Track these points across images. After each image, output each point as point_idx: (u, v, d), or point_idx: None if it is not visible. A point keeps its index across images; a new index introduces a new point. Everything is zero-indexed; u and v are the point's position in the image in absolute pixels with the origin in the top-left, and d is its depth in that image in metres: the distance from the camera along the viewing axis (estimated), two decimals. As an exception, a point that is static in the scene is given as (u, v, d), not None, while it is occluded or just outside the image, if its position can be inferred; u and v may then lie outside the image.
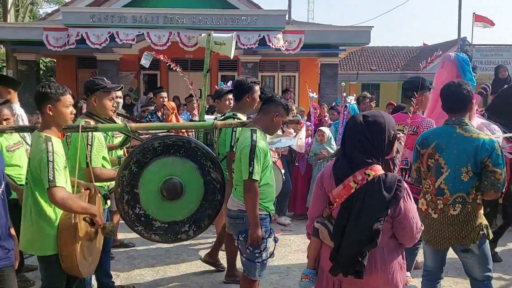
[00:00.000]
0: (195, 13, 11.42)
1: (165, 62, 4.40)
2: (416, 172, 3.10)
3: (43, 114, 2.69)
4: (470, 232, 2.84)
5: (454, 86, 2.97)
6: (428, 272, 3.15)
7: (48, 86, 2.68)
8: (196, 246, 5.18)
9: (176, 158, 3.01)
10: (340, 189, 2.13)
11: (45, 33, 11.33)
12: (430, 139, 2.95)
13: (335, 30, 12.79)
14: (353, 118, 2.23)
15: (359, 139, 2.13)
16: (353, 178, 2.10)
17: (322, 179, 2.26)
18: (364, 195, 2.08)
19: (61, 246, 2.61)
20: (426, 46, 28.35)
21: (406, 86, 3.82)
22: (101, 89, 3.30)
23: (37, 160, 2.56)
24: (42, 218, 2.65)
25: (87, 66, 14.25)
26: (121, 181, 2.95)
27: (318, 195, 2.30)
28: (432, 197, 2.93)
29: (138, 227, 3.05)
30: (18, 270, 4.10)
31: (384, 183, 2.07)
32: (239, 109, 3.92)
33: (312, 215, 2.34)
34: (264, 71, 14.87)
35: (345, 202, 2.13)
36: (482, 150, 2.76)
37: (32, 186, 2.65)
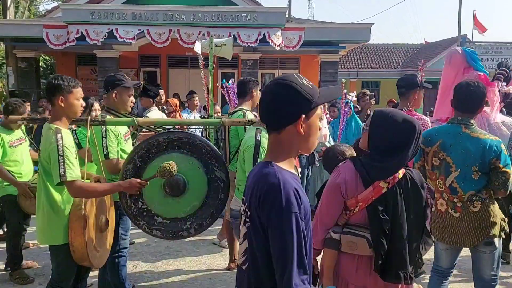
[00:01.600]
0: (195, 10, 11.40)
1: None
2: (420, 170, 3.03)
3: (54, 106, 2.73)
4: (494, 226, 2.84)
5: (474, 86, 2.91)
6: (441, 272, 3.12)
7: (61, 78, 2.74)
8: (195, 244, 5.19)
9: (181, 155, 2.99)
10: (368, 192, 2.00)
11: (45, 30, 11.32)
12: (435, 137, 2.92)
13: (335, 27, 12.78)
14: (394, 119, 2.06)
15: (408, 144, 2.02)
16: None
17: (345, 185, 2.04)
18: (401, 193, 2.00)
19: (72, 236, 2.65)
20: (426, 43, 28.33)
21: (399, 83, 3.82)
22: (122, 85, 3.33)
23: (47, 152, 2.61)
24: (53, 208, 2.70)
25: (87, 63, 14.25)
26: (125, 175, 2.95)
27: (335, 202, 2.09)
28: (449, 196, 2.90)
29: (140, 222, 3.04)
30: (18, 267, 4.12)
31: (416, 179, 2.04)
32: (247, 104, 3.99)
33: (327, 225, 2.12)
34: (264, 68, 14.85)
35: (374, 204, 1.99)
36: (489, 151, 2.75)
37: (44, 176, 2.70)
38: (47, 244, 2.79)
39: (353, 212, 2.04)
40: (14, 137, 4.12)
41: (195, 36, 11.29)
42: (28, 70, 13.02)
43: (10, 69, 12.96)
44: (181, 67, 14.60)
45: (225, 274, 4.34)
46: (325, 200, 2.13)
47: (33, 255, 4.70)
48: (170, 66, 14.78)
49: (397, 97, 4.13)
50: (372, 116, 2.12)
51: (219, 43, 3.55)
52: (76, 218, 2.66)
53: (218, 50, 3.55)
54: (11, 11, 14.43)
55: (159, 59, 14.63)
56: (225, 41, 3.61)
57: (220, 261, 4.66)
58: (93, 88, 14.21)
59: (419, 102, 3.84)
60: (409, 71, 20.56)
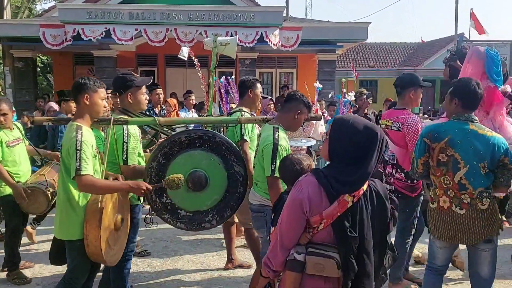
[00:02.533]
0: (192, 10, 11.39)
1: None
2: (423, 166, 3.02)
3: (79, 104, 2.85)
4: (495, 224, 2.87)
5: (477, 85, 2.97)
6: (436, 269, 3.13)
7: (87, 78, 2.89)
8: (193, 243, 5.19)
9: (202, 152, 3.15)
10: (333, 208, 1.82)
11: (42, 30, 11.28)
12: (443, 134, 2.91)
13: (332, 26, 12.78)
14: (354, 126, 1.88)
15: (371, 153, 1.85)
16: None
17: (308, 201, 1.84)
18: (366, 206, 1.87)
19: (87, 229, 2.71)
20: (423, 42, 28.38)
21: (395, 83, 3.85)
22: (134, 86, 3.34)
23: (67, 147, 2.69)
24: (71, 203, 2.76)
25: (84, 62, 14.22)
26: (150, 172, 3.11)
27: (297, 220, 1.87)
28: (456, 192, 2.89)
29: (165, 215, 3.21)
30: (15, 267, 4.11)
31: (380, 190, 1.93)
32: (244, 105, 4.05)
33: (288, 246, 1.91)
34: (262, 67, 14.85)
35: (340, 221, 1.83)
36: (499, 149, 2.79)
37: (64, 172, 2.77)
38: (64, 239, 2.84)
39: (317, 230, 1.86)
40: (11, 137, 4.11)
41: (192, 35, 11.28)
42: (25, 70, 12.99)
43: (7, 69, 12.92)
44: (179, 66, 14.57)
45: (222, 274, 4.34)
46: (286, 218, 1.91)
47: (30, 256, 4.69)
48: (167, 65, 14.76)
49: (394, 96, 4.13)
50: (332, 123, 1.95)
51: (224, 42, 3.58)
52: (92, 211, 2.72)
53: (222, 49, 3.57)
54: (8, 11, 14.39)
55: (156, 58, 14.60)
56: (230, 40, 3.62)
57: (218, 260, 4.66)
58: (91, 87, 14.17)
59: (417, 101, 3.83)
60: (406, 70, 20.63)
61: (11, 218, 4.15)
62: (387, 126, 3.75)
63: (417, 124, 3.58)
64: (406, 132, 3.57)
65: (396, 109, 3.84)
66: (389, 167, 3.76)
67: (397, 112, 3.76)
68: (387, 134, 3.74)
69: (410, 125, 3.57)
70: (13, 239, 4.15)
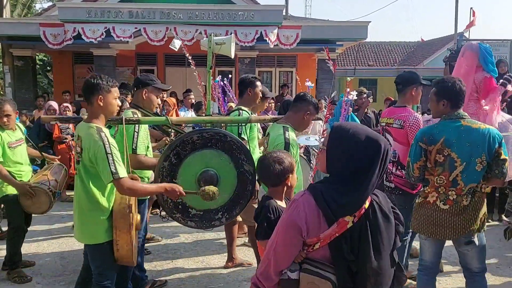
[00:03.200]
0: (192, 8, 11.38)
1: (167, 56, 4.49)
2: (419, 170, 3.01)
3: (92, 105, 2.73)
4: (477, 221, 2.89)
5: (461, 83, 2.99)
6: (425, 266, 3.15)
7: (100, 77, 2.74)
8: (193, 242, 5.20)
9: (213, 151, 3.18)
10: (332, 229, 1.67)
11: (42, 29, 11.26)
12: (437, 135, 2.92)
13: (332, 25, 12.77)
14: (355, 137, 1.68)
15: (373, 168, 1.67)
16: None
17: (306, 225, 1.69)
18: (368, 226, 1.68)
19: (117, 234, 2.66)
20: (423, 41, 28.36)
21: (396, 80, 3.88)
22: (153, 85, 3.45)
23: (93, 150, 2.58)
24: (94, 206, 2.69)
25: (83, 61, 14.21)
26: (161, 172, 3.12)
27: (293, 243, 1.72)
28: (446, 189, 2.93)
29: (176, 214, 3.23)
30: (16, 266, 4.12)
31: (384, 206, 1.74)
32: (243, 104, 4.07)
33: (282, 268, 1.76)
34: (262, 66, 14.85)
35: (337, 242, 1.68)
36: (494, 140, 2.83)
37: (84, 175, 2.68)
38: (87, 243, 2.78)
39: (313, 249, 1.71)
40: (13, 138, 4.10)
41: (191, 34, 11.28)
42: (25, 69, 12.98)
43: (7, 67, 12.91)
44: (178, 65, 14.57)
45: (223, 272, 4.35)
46: (281, 240, 1.74)
47: (30, 254, 4.69)
48: (167, 64, 14.76)
49: (394, 94, 4.16)
50: (330, 132, 1.77)
51: (219, 41, 3.60)
52: (121, 215, 2.67)
53: (218, 49, 3.61)
54: (7, 10, 14.38)
55: (156, 57, 14.60)
56: (225, 39, 3.64)
57: (218, 259, 4.67)
58: (90, 86, 14.16)
59: (417, 98, 3.87)
60: (406, 69, 20.60)
61: (13, 217, 4.15)
62: (388, 123, 3.80)
63: (418, 122, 3.63)
64: (408, 130, 3.61)
65: (396, 107, 3.87)
66: (390, 164, 3.79)
67: (398, 109, 3.79)
68: (389, 131, 3.77)
69: (412, 123, 3.61)
70: (16, 238, 4.15)
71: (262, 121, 3.79)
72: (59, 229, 5.65)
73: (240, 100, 4.17)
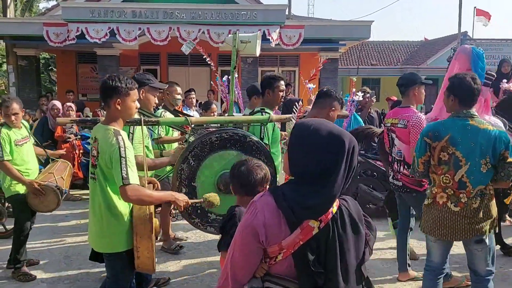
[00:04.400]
0: (195, 8, 11.40)
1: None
2: (423, 165, 3.03)
3: (110, 108, 2.59)
4: (488, 223, 2.87)
5: (473, 80, 2.96)
6: (432, 267, 3.15)
7: (118, 79, 2.58)
8: (196, 241, 5.20)
9: (232, 152, 3.08)
10: (295, 236, 1.48)
11: (45, 28, 11.32)
12: (443, 132, 2.91)
13: (335, 24, 12.77)
14: (317, 133, 1.52)
15: (337, 167, 1.49)
16: None
17: (264, 229, 1.49)
18: (335, 233, 1.50)
19: (138, 241, 2.55)
20: (426, 40, 28.30)
21: (398, 82, 3.92)
22: (150, 85, 3.42)
23: (108, 154, 2.48)
24: (113, 213, 2.58)
25: (87, 61, 14.27)
26: (180, 174, 3.01)
27: (251, 251, 1.52)
28: (455, 191, 2.90)
29: (194, 219, 3.12)
30: (21, 265, 4.12)
31: (353, 212, 1.56)
32: (266, 104, 3.96)
33: (241, 280, 1.56)
34: (264, 66, 14.85)
35: (302, 251, 1.49)
36: (500, 142, 2.79)
37: (102, 180, 2.57)
38: (106, 252, 2.66)
39: (275, 261, 1.52)
40: (19, 136, 4.12)
41: (194, 34, 11.30)
42: (29, 68, 13.03)
43: (11, 67, 12.97)
44: (181, 65, 14.60)
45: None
46: (239, 248, 1.55)
47: (35, 253, 4.71)
48: (170, 64, 14.79)
49: (397, 94, 4.18)
50: (291, 131, 1.60)
51: (244, 39, 3.45)
52: (142, 221, 2.55)
53: (243, 47, 3.47)
54: (11, 9, 14.44)
55: (159, 57, 14.63)
56: (250, 37, 3.50)
57: (221, 258, 4.67)
58: (93, 86, 14.22)
59: (421, 98, 3.92)
60: (409, 69, 20.59)
61: (20, 216, 4.16)
62: (394, 124, 3.85)
63: (421, 121, 3.66)
64: (411, 129, 3.67)
65: (401, 107, 3.92)
66: (396, 163, 3.86)
67: (402, 110, 3.84)
68: (394, 132, 3.81)
69: (415, 122, 3.66)
70: (22, 237, 4.15)
71: (283, 121, 3.67)
72: (63, 227, 5.67)
73: (262, 101, 4.05)
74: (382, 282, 4.09)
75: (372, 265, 4.47)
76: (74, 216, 6.15)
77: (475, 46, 4.38)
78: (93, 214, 2.67)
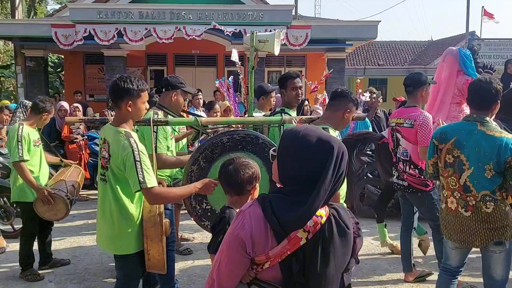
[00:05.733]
0: (202, 9, 11.44)
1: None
2: (433, 167, 3.01)
3: (120, 109, 2.57)
4: (506, 229, 2.78)
5: (485, 82, 2.88)
6: (449, 270, 3.11)
7: (129, 80, 2.55)
8: (203, 242, 5.20)
9: (244, 154, 2.96)
10: (282, 246, 1.46)
11: (53, 30, 11.42)
12: (449, 134, 2.88)
13: (342, 24, 12.75)
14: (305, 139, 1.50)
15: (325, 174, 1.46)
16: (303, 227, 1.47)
17: (251, 240, 1.47)
18: (321, 244, 1.46)
19: (148, 244, 2.55)
20: (432, 41, 28.15)
21: (405, 82, 3.91)
22: (182, 89, 3.46)
23: (122, 157, 2.45)
24: (124, 216, 2.57)
25: (94, 62, 14.35)
26: (190, 176, 2.94)
27: (238, 261, 1.51)
28: (461, 194, 2.85)
29: (205, 222, 3.05)
30: (30, 266, 4.12)
31: (343, 222, 1.50)
32: (286, 104, 3.83)
33: (228, 286, 1.56)
34: (271, 66, 14.85)
35: (288, 261, 1.47)
36: (505, 150, 2.68)
37: (113, 183, 2.55)
38: (117, 253, 2.66)
39: (262, 268, 1.51)
40: (36, 136, 4.10)
41: (200, 31, 11.35)
42: (37, 69, 13.13)
43: (19, 68, 13.08)
44: (188, 65, 14.65)
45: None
46: (225, 258, 1.53)
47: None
48: (176, 64, 14.84)
49: (404, 94, 4.16)
50: (280, 138, 1.58)
51: (262, 38, 3.35)
52: (152, 224, 2.54)
53: (261, 46, 3.38)
54: (20, 11, 14.56)
55: (166, 57, 14.69)
56: (268, 36, 3.39)
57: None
58: (101, 86, 14.30)
59: (427, 98, 3.94)
60: (417, 68, 20.47)
61: (28, 223, 4.14)
62: (399, 124, 3.84)
63: (428, 121, 3.65)
64: (418, 129, 3.65)
65: (407, 107, 3.90)
66: (401, 163, 3.84)
67: (408, 110, 3.82)
68: (399, 132, 3.80)
69: (422, 122, 3.64)
70: (29, 242, 4.14)
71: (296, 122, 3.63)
72: (70, 228, 5.70)
73: (282, 102, 3.92)
74: (387, 283, 4.07)
75: (377, 266, 4.45)
76: (82, 216, 6.18)
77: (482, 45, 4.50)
78: (103, 216, 2.64)
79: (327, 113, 3.13)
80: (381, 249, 4.88)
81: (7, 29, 12.36)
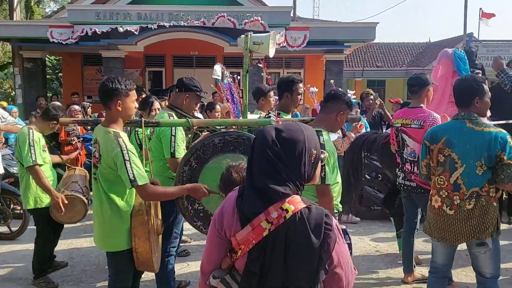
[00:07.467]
0: (200, 10, 11.44)
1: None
2: (426, 168, 3.05)
3: (110, 109, 2.64)
4: (488, 226, 2.82)
5: (464, 80, 2.96)
6: (437, 269, 3.13)
7: (117, 81, 2.62)
8: (201, 244, 5.19)
9: (236, 155, 2.97)
10: (247, 232, 1.50)
11: (51, 30, 11.39)
12: (440, 134, 2.93)
13: (340, 26, 12.78)
14: (262, 134, 1.56)
15: (271, 163, 1.50)
16: (266, 216, 1.47)
17: (221, 217, 1.57)
18: (284, 239, 1.47)
19: (136, 242, 2.61)
20: (430, 42, 28.21)
21: (410, 82, 3.92)
22: (196, 92, 3.46)
23: (111, 157, 2.53)
24: (114, 213, 2.63)
25: (92, 63, 14.33)
26: (181, 177, 2.97)
27: (214, 240, 1.60)
28: (449, 193, 2.88)
29: (197, 223, 3.06)
30: (44, 273, 4.03)
31: (309, 222, 1.46)
32: (282, 108, 3.82)
33: (206, 269, 1.63)
34: (269, 67, 14.83)
35: (255, 249, 1.49)
36: (495, 144, 2.74)
37: (102, 182, 2.63)
38: (108, 250, 2.72)
39: (238, 256, 1.54)
40: (43, 141, 4.03)
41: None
42: (35, 71, 13.11)
43: (17, 69, 13.06)
44: (186, 66, 14.63)
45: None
46: (208, 240, 1.65)
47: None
48: (175, 65, 14.82)
49: (402, 96, 4.18)
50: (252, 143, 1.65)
51: (257, 40, 3.30)
52: (139, 223, 2.61)
53: (256, 48, 3.32)
54: (18, 12, 14.54)
55: (164, 58, 14.67)
56: (262, 38, 3.32)
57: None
58: (99, 88, 14.28)
59: (430, 98, 3.96)
60: (415, 70, 20.51)
61: (43, 229, 4.05)
62: (405, 124, 3.82)
63: (437, 121, 3.65)
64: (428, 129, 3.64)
65: (412, 108, 3.89)
66: (408, 164, 3.81)
67: (415, 110, 3.82)
68: (406, 132, 3.77)
69: (432, 122, 3.63)
70: (43, 248, 4.08)
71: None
72: (67, 229, 5.65)
73: (279, 104, 3.91)
74: (387, 284, 4.06)
75: (376, 267, 4.45)
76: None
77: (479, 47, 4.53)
78: (96, 214, 2.72)
79: (320, 116, 3.12)
80: (379, 250, 4.88)
81: (5, 30, 12.35)
